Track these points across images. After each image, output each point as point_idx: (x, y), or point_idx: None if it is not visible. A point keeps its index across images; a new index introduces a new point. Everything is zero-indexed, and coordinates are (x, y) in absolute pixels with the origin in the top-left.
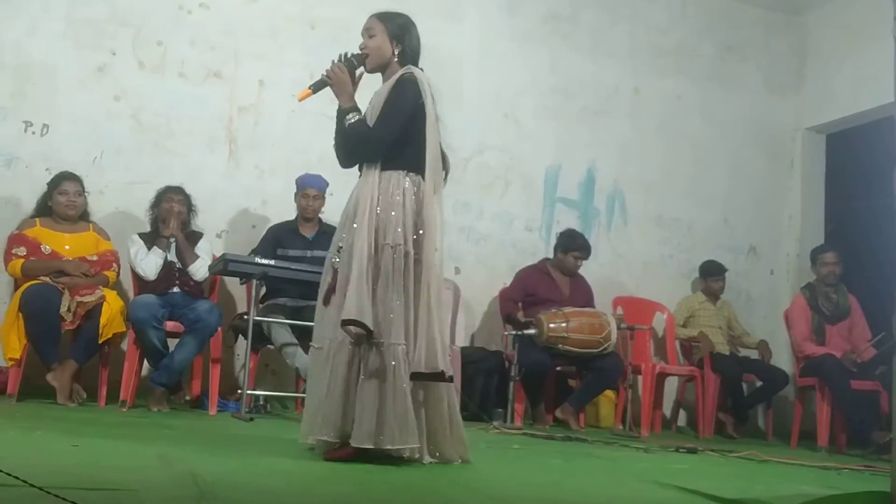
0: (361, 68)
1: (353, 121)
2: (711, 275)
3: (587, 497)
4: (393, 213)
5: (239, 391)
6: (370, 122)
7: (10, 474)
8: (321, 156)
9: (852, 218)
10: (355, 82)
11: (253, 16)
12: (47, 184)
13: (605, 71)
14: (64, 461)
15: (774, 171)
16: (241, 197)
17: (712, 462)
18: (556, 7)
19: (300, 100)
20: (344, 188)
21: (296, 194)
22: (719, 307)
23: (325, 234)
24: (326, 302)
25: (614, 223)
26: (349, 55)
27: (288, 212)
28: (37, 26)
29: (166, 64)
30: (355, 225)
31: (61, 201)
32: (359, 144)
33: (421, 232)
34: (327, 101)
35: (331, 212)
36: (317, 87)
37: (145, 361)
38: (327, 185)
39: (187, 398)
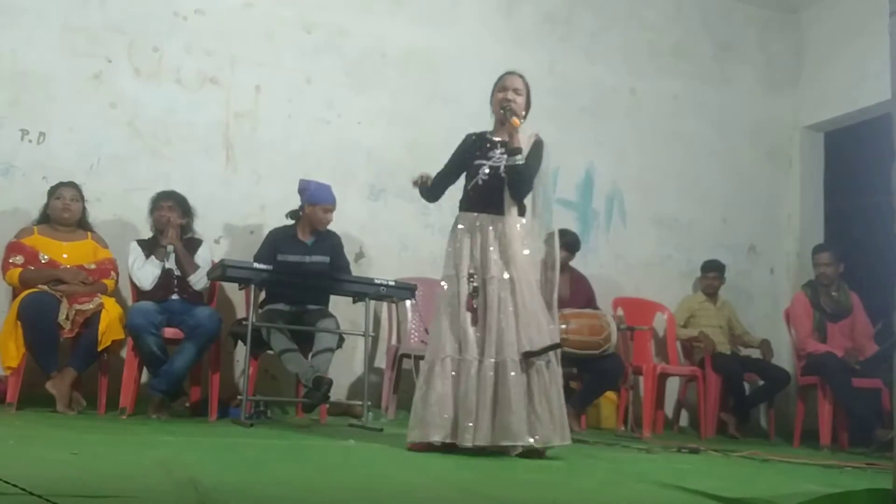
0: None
1: (522, 162)
2: (704, 271)
3: (590, 498)
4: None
5: (239, 397)
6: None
7: (9, 483)
8: (318, 161)
9: (852, 215)
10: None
11: (248, 21)
12: (47, 192)
13: (602, 72)
14: (64, 469)
15: (773, 170)
16: (238, 203)
17: (715, 462)
18: (553, 8)
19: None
20: (339, 197)
21: (304, 201)
22: (719, 307)
23: (324, 239)
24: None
25: (613, 224)
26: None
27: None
28: (32, 35)
29: (162, 70)
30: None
31: (57, 206)
32: (526, 184)
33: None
34: (322, 105)
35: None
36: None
37: (145, 368)
38: None
39: (187, 405)
